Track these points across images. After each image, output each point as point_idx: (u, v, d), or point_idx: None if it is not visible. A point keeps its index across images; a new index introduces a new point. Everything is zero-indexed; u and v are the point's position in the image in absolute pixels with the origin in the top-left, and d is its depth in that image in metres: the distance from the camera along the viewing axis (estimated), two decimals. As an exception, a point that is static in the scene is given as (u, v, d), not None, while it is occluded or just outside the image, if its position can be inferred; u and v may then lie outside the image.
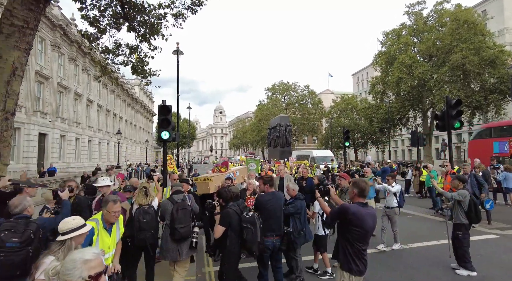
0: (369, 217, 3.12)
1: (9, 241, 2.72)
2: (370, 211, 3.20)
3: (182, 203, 4.49)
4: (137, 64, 10.12)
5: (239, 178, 7.87)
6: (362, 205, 3.19)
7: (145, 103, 63.51)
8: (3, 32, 5.46)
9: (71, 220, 2.48)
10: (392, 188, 6.95)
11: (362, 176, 8.51)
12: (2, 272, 2.64)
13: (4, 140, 5.78)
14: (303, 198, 5.28)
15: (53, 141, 25.63)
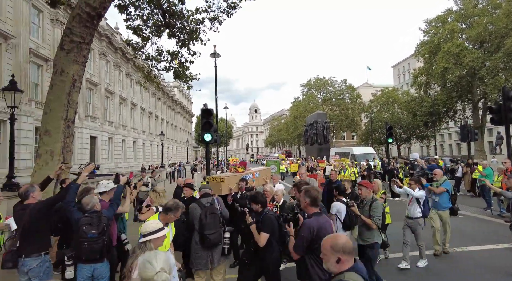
0: (329, 226, 3.02)
1: (90, 232, 3.43)
2: (326, 220, 3.11)
3: (211, 208, 4.22)
4: (179, 70, 10.54)
5: (259, 180, 7.08)
6: (318, 215, 3.05)
7: (184, 105, 65.87)
8: (64, 49, 5.99)
9: (150, 224, 2.70)
10: (415, 192, 5.71)
11: (430, 179, 6.61)
12: (87, 256, 3.43)
13: (67, 146, 6.35)
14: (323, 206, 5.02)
15: (102, 143, 27.54)
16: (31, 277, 3.40)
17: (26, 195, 3.71)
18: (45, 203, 3.60)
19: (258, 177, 7.15)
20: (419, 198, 5.68)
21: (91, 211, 3.62)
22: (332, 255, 1.98)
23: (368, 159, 21.14)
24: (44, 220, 3.56)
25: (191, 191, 5.45)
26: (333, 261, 1.98)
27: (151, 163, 39.71)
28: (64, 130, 6.23)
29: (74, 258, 3.51)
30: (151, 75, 11.25)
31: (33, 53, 18.45)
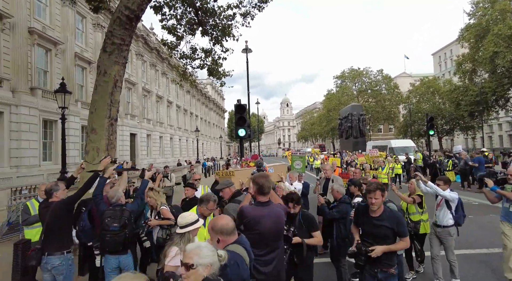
0: (268, 218, 2.88)
1: (112, 225, 3.55)
2: (271, 211, 2.94)
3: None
4: (212, 67, 10.72)
5: (274, 176, 6.52)
6: (261, 205, 2.96)
7: (216, 101, 67.11)
8: (106, 51, 6.34)
9: (188, 215, 2.82)
10: (446, 192, 4.56)
11: (503, 181, 4.80)
12: (110, 248, 3.57)
13: (111, 143, 6.74)
14: (350, 201, 4.77)
15: (141, 140, 28.91)
16: (54, 275, 3.48)
17: (50, 194, 3.71)
18: (66, 201, 3.63)
19: (272, 173, 6.60)
20: (450, 200, 4.54)
21: (115, 205, 3.75)
22: (213, 235, 2.24)
23: (408, 152, 20.16)
24: (65, 218, 3.60)
25: (193, 191, 5.27)
26: (215, 241, 2.22)
27: (187, 158, 41.05)
28: (108, 128, 6.61)
29: (100, 249, 3.68)
30: (187, 73, 11.55)
31: (78, 57, 19.74)
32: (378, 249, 2.99)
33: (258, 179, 2.95)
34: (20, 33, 14.86)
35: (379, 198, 3.11)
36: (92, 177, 3.76)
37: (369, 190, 3.14)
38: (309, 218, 3.61)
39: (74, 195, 3.66)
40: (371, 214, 3.15)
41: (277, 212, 2.96)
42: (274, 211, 2.94)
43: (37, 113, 15.63)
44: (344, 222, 4.49)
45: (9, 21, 14.34)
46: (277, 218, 2.94)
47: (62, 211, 3.52)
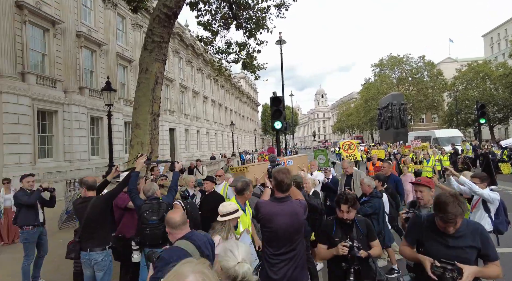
0: (282, 216, 2.68)
1: (151, 219, 3.57)
2: (286, 208, 2.73)
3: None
4: (247, 60, 10.76)
5: (294, 168, 6.20)
6: (277, 201, 2.80)
7: (250, 95, 67.49)
8: (147, 49, 6.62)
9: (228, 205, 2.93)
10: (484, 191, 3.81)
11: None
12: (150, 241, 3.58)
13: (154, 137, 7.06)
14: (381, 196, 4.56)
15: (180, 134, 29.98)
16: (96, 271, 3.52)
17: (93, 186, 3.76)
18: (104, 198, 3.63)
19: (291, 166, 6.29)
20: (489, 201, 3.77)
21: (151, 198, 3.78)
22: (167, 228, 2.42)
23: (454, 143, 18.85)
24: (104, 214, 3.63)
25: (212, 185, 4.96)
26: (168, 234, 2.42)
27: (223, 151, 41.91)
28: (151, 123, 6.93)
29: (140, 243, 3.68)
30: (222, 68, 11.71)
31: (119, 56, 20.84)
32: (470, 271, 2.03)
33: (278, 174, 2.77)
34: (70, 37, 15.98)
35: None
36: (128, 175, 3.77)
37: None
38: (368, 225, 2.93)
39: (113, 191, 3.67)
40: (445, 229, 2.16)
41: (294, 209, 2.73)
42: (290, 208, 2.72)
43: (86, 111, 16.80)
44: (377, 218, 4.33)
45: (60, 26, 15.48)
46: (294, 216, 2.70)
47: (101, 207, 3.54)
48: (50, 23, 15.01)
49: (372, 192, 4.45)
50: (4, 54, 12.30)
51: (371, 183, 4.53)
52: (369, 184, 4.50)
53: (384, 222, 4.41)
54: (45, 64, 15.11)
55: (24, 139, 12.92)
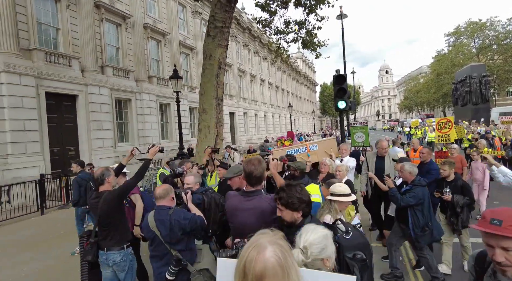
0: (245, 212, 2.38)
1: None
2: (252, 204, 2.39)
3: None
4: (306, 38, 10.42)
5: (319, 153, 5.70)
6: (245, 195, 2.48)
7: (307, 75, 65.74)
8: (210, 35, 6.80)
9: (338, 187, 2.80)
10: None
11: None
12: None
13: (219, 121, 7.36)
14: (426, 184, 3.98)
15: (239, 118, 30.80)
16: (116, 271, 3.28)
17: (102, 180, 3.41)
18: (117, 192, 3.32)
19: (316, 151, 5.72)
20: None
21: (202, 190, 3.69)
22: None
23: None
24: (120, 209, 3.37)
25: (224, 172, 4.36)
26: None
27: (280, 134, 42.03)
28: (216, 107, 7.22)
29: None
30: (280, 49, 11.56)
31: (182, 44, 21.87)
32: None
33: (247, 165, 2.45)
34: (138, 29, 17.23)
35: None
36: (143, 166, 3.50)
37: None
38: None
39: (126, 185, 3.39)
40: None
41: (261, 207, 2.35)
42: (257, 205, 2.36)
43: (155, 98, 18.19)
44: (421, 208, 3.86)
45: (130, 20, 16.76)
46: (259, 214, 2.34)
47: (115, 202, 3.26)
48: (121, 18, 16.33)
49: (414, 180, 3.98)
50: (87, 50, 13.83)
51: (414, 169, 4.02)
52: (410, 171, 4.00)
53: (431, 214, 3.93)
54: (119, 57, 16.61)
55: (106, 126, 14.58)
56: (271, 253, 1.03)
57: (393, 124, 63.46)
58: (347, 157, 5.73)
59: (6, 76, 10.36)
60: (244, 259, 1.04)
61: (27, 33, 11.66)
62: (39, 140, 11.42)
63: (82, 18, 13.72)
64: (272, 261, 1.02)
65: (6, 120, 10.39)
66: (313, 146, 5.80)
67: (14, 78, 10.60)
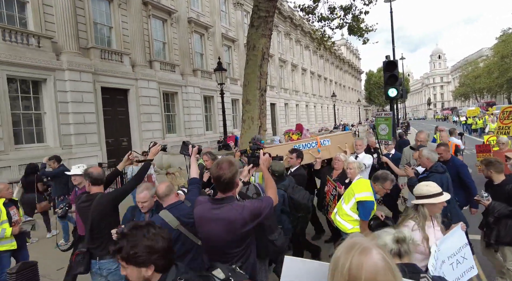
0: (213, 224, 2.05)
1: None
2: (222, 213, 2.03)
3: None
4: (353, 24, 9.96)
5: (332, 149, 5.18)
6: (214, 202, 2.11)
7: (352, 62, 63.06)
8: (254, 25, 6.77)
9: (425, 186, 2.42)
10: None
11: None
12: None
13: (262, 112, 7.37)
14: (444, 171, 3.61)
15: (280, 109, 30.61)
16: (111, 280, 2.97)
17: (101, 180, 3.09)
18: (113, 195, 3.04)
19: (328, 146, 5.19)
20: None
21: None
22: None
23: None
24: (114, 215, 3.04)
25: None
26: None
27: (323, 125, 41.06)
28: (259, 98, 7.23)
29: None
30: (324, 36, 11.20)
31: (224, 37, 22.14)
32: None
33: (214, 168, 2.08)
34: (182, 24, 17.76)
35: None
36: (143, 168, 3.22)
37: None
38: None
39: (124, 188, 3.13)
40: None
41: (231, 217, 2.00)
42: (226, 214, 2.01)
43: (199, 91, 18.74)
44: None
45: (175, 15, 17.33)
46: (228, 225, 2.00)
47: (110, 206, 2.96)
48: (167, 13, 16.93)
49: (432, 166, 3.67)
50: (137, 46, 14.60)
51: (432, 155, 3.72)
52: (428, 156, 3.70)
53: (451, 203, 3.53)
54: (166, 51, 17.30)
55: (155, 118, 15.39)
56: (378, 255, 0.99)
57: (447, 113, 58.76)
58: (362, 153, 5.30)
59: (69, 74, 11.35)
60: (348, 263, 0.98)
61: (85, 33, 12.62)
62: (96, 131, 12.43)
63: (131, 16, 14.47)
64: (382, 265, 0.98)
65: (70, 114, 11.42)
66: (325, 141, 5.25)
67: (76, 75, 11.57)
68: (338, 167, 4.44)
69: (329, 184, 4.45)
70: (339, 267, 1.00)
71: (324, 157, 5.08)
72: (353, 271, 0.97)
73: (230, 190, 2.10)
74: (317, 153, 5.03)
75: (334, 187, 4.24)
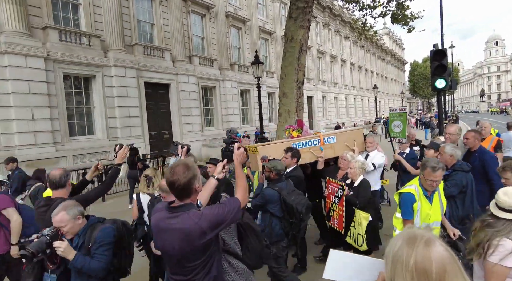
0: (168, 232, 1.81)
1: None
2: (176, 223, 1.78)
3: None
4: (397, 11, 9.43)
5: (337, 147, 4.70)
6: (170, 210, 1.85)
7: (395, 52, 59.72)
8: (292, 17, 6.64)
9: (507, 197, 1.97)
10: None
11: None
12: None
13: (299, 105, 7.25)
14: (469, 169, 3.31)
15: (317, 102, 29.96)
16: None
17: (62, 183, 2.71)
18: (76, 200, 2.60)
19: (333, 144, 4.70)
20: None
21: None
22: None
23: None
24: None
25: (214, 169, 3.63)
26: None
27: (363, 118, 39.58)
28: (296, 91, 7.11)
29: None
30: (366, 26, 10.74)
31: (261, 30, 22.05)
32: None
33: (168, 173, 1.85)
34: (220, 18, 17.97)
35: None
36: (111, 174, 3.02)
37: None
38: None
39: (85, 197, 2.85)
40: None
41: (185, 228, 1.77)
42: (181, 225, 1.78)
43: (236, 85, 18.93)
44: (463, 197, 3.24)
45: (213, 10, 17.58)
46: (183, 237, 1.77)
47: None
48: (205, 9, 17.23)
49: (455, 164, 3.34)
50: (177, 42, 15.08)
51: (456, 152, 3.38)
52: (452, 153, 3.36)
53: (473, 204, 3.29)
54: (204, 46, 17.65)
55: (195, 112, 15.85)
56: (442, 246, 0.97)
57: (504, 105, 53.61)
58: (374, 152, 4.75)
59: (116, 70, 12.04)
60: (414, 257, 0.95)
61: (129, 31, 13.27)
62: (140, 125, 13.11)
63: (172, 12, 14.93)
64: (448, 255, 0.96)
65: (116, 108, 12.15)
66: (330, 138, 4.71)
67: (121, 71, 12.25)
68: (344, 167, 4.11)
69: (331, 186, 4.02)
70: (403, 261, 0.97)
71: (328, 156, 4.67)
72: (421, 264, 0.94)
73: (187, 196, 1.85)
74: (320, 152, 4.59)
75: (339, 187, 3.82)
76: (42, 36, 10.36)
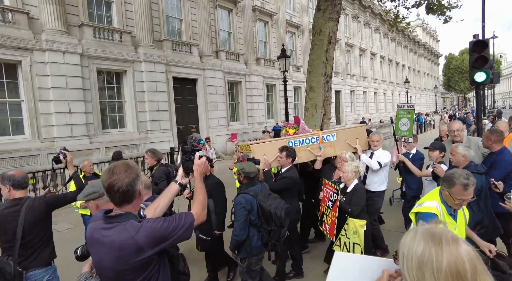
0: (101, 246, 1.52)
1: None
2: (111, 236, 1.48)
3: None
4: (432, 1, 8.92)
5: (337, 145, 4.39)
6: (106, 220, 1.56)
7: (428, 45, 56.80)
8: (320, 9, 6.47)
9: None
10: None
11: None
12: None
13: (327, 99, 7.10)
14: (484, 171, 3.12)
15: (345, 96, 29.22)
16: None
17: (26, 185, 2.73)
18: (49, 200, 2.74)
19: (333, 142, 4.39)
20: None
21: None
22: None
23: None
24: (47, 221, 2.75)
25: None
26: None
27: (393, 114, 38.11)
28: (324, 85, 6.96)
29: None
30: (398, 17, 10.29)
31: (288, 23, 21.75)
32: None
33: (106, 175, 1.57)
34: (247, 13, 17.92)
35: None
36: (77, 182, 3.25)
37: None
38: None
39: (59, 197, 2.86)
40: None
41: (120, 241, 1.47)
42: (115, 237, 1.49)
43: (262, 79, 18.87)
44: (477, 200, 2.97)
45: (240, 4, 17.57)
46: (116, 252, 1.48)
47: (45, 211, 2.67)
48: (232, 3, 17.24)
49: (469, 166, 3.08)
50: (204, 37, 15.24)
51: (468, 152, 3.17)
52: (464, 153, 3.15)
53: (488, 207, 3.11)
54: (231, 41, 17.72)
55: (221, 106, 16.02)
56: (469, 246, 0.92)
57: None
58: (379, 150, 4.46)
59: (145, 65, 12.40)
60: (446, 258, 0.89)
61: (158, 27, 13.58)
62: (168, 118, 13.46)
63: (199, 8, 15.08)
64: (476, 254, 0.91)
65: (146, 102, 12.54)
66: (329, 136, 4.41)
67: (150, 66, 12.60)
68: (341, 170, 3.77)
69: (326, 188, 3.75)
70: (433, 264, 0.89)
71: (328, 154, 4.37)
72: (455, 265, 0.88)
73: (128, 202, 1.58)
74: (318, 150, 4.29)
75: (334, 191, 3.54)
76: (78, 33, 10.86)
